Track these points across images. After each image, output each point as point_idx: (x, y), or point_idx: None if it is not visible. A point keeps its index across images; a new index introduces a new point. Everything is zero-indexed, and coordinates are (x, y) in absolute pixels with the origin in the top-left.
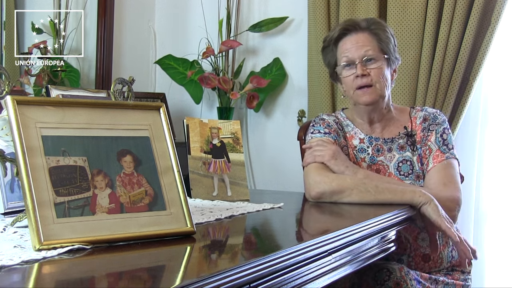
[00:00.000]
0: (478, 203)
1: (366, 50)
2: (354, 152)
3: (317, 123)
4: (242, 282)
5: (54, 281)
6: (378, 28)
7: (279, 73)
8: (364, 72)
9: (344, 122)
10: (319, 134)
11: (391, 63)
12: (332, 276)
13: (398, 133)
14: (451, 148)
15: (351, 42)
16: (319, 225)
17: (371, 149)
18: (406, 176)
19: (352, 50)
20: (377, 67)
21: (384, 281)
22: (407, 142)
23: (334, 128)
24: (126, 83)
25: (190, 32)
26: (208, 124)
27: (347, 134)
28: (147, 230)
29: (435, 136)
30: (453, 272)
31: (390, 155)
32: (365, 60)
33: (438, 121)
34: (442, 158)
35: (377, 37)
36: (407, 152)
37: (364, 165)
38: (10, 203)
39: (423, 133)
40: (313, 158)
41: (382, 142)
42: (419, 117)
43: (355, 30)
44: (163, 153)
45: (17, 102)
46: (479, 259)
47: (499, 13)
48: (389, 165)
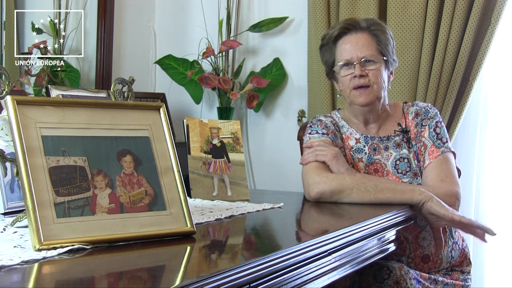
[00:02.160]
0: (478, 203)
1: (365, 51)
2: (351, 153)
3: (314, 124)
4: (242, 282)
5: (54, 281)
6: (378, 29)
7: (279, 73)
8: (362, 73)
9: (340, 122)
10: (317, 135)
11: (388, 65)
12: (332, 276)
13: (393, 131)
14: (445, 141)
15: (351, 42)
16: (319, 225)
17: (368, 148)
18: (403, 174)
19: (351, 50)
20: (375, 69)
21: (384, 279)
22: (403, 139)
23: (331, 130)
24: (126, 83)
25: (190, 32)
26: (208, 124)
27: (343, 135)
28: (147, 230)
29: (428, 131)
30: (452, 272)
31: (387, 154)
32: (363, 61)
33: (430, 115)
34: (438, 153)
35: (377, 38)
36: (404, 149)
37: (361, 165)
38: (10, 203)
39: (416, 129)
40: (314, 157)
41: (378, 140)
42: (411, 113)
43: (355, 29)
44: (163, 153)
45: (17, 102)
46: (479, 259)
47: (499, 13)
48: (387, 163)
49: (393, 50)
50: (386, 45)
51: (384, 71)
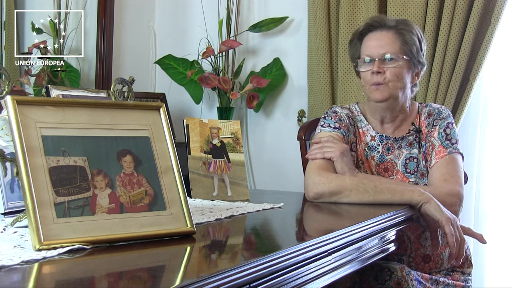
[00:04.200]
0: (478, 203)
1: (386, 49)
2: (366, 149)
3: (329, 116)
4: (242, 282)
5: (54, 281)
6: (405, 29)
7: (279, 73)
8: (380, 70)
9: (358, 116)
10: (329, 129)
11: (412, 66)
12: (332, 276)
13: (408, 131)
14: (454, 142)
15: (375, 38)
16: (319, 225)
17: (382, 147)
18: (412, 174)
19: (373, 46)
20: (395, 67)
21: (385, 280)
22: (415, 139)
23: (345, 123)
24: (126, 83)
25: (190, 32)
26: (208, 124)
27: (360, 129)
28: (147, 230)
29: (438, 131)
30: (453, 273)
31: (398, 152)
32: (384, 59)
33: (442, 116)
34: (444, 153)
35: (402, 37)
36: (415, 149)
37: (373, 163)
38: (10, 203)
39: (427, 129)
40: (322, 154)
41: (393, 140)
42: (424, 113)
43: (380, 27)
44: (163, 153)
45: (17, 102)
46: (479, 259)
47: (499, 13)
48: (397, 162)
49: (420, 52)
50: (411, 45)
51: (405, 71)
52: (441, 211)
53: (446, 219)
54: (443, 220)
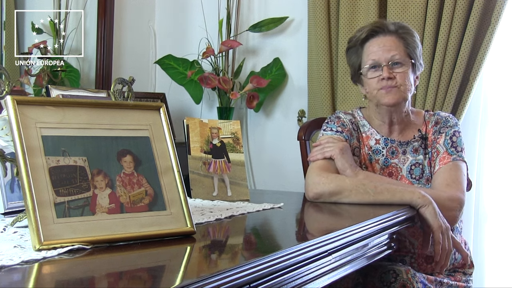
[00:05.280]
0: (478, 203)
1: (394, 54)
2: (370, 153)
3: (332, 121)
4: (242, 282)
5: (54, 281)
6: (405, 32)
7: (279, 73)
8: (390, 75)
9: (361, 121)
10: (331, 132)
11: (415, 69)
12: (332, 276)
13: (413, 136)
14: (460, 150)
15: (379, 44)
16: (319, 225)
17: (386, 151)
18: (417, 180)
19: (379, 52)
20: (403, 71)
21: (391, 283)
22: (421, 145)
23: (348, 128)
24: (126, 83)
25: (190, 32)
26: (208, 124)
27: (363, 134)
28: (147, 230)
29: (444, 138)
30: (455, 274)
31: (404, 158)
32: (391, 64)
33: (450, 124)
34: (448, 160)
35: (405, 41)
36: (420, 155)
37: (377, 167)
38: (10, 203)
39: (434, 136)
40: (322, 154)
41: (397, 144)
42: (432, 121)
43: (383, 32)
44: (163, 153)
45: (17, 102)
46: (480, 259)
47: (499, 13)
48: (402, 167)
49: (420, 55)
50: (414, 48)
51: (411, 74)
52: (435, 217)
53: (438, 226)
54: (435, 226)
